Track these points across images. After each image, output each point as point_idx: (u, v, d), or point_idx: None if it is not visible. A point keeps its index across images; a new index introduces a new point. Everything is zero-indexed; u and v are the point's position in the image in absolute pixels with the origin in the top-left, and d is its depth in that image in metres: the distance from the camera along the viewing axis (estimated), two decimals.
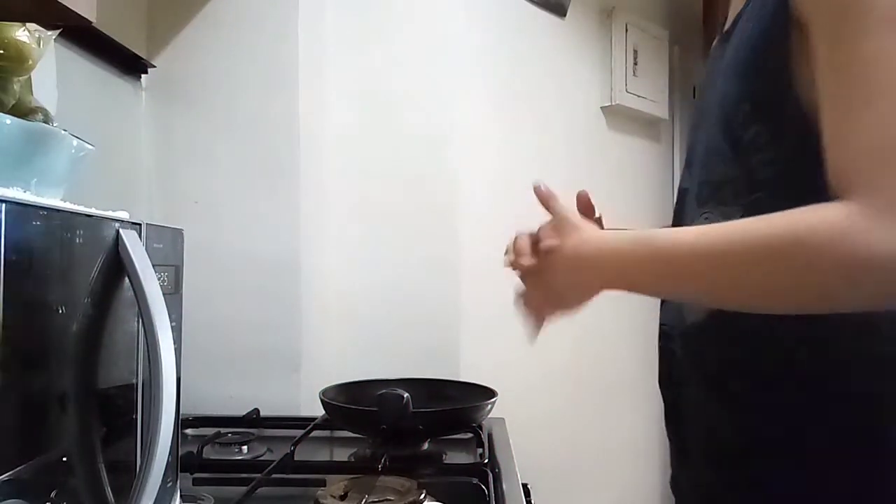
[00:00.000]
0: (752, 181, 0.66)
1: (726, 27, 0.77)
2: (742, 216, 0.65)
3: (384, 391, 1.10)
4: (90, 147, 0.69)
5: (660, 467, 2.15)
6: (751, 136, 0.66)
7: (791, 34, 0.62)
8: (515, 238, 0.79)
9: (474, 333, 1.56)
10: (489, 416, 1.21)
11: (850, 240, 0.53)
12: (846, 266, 0.54)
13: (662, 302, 0.84)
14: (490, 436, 1.23)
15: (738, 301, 0.62)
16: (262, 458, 1.14)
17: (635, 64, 2.08)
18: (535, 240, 0.77)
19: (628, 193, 2.16)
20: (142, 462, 0.58)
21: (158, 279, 0.61)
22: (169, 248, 0.71)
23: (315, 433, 1.21)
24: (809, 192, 0.61)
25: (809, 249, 0.55)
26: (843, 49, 0.58)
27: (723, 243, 0.60)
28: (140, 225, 0.64)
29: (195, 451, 1.06)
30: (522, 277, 0.77)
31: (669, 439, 0.83)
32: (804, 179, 0.62)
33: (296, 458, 1.05)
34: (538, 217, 0.80)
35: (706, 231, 0.63)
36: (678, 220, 0.80)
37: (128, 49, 1.27)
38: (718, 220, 0.68)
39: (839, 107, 0.58)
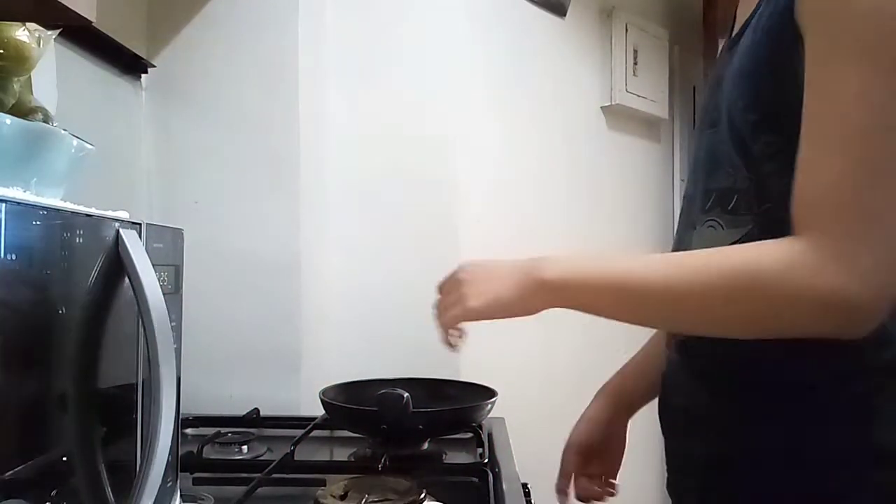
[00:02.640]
0: (764, 191, 0.66)
1: (735, 32, 0.76)
2: (752, 227, 0.67)
3: (384, 391, 1.10)
4: (90, 147, 0.69)
5: (659, 467, 2.15)
6: (761, 147, 0.66)
7: (797, 47, 0.62)
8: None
9: (474, 333, 1.56)
10: (489, 415, 1.21)
11: (798, 277, 0.58)
12: (792, 301, 0.59)
13: None
14: (490, 436, 1.23)
15: (694, 329, 0.66)
16: (262, 458, 1.14)
17: (635, 64, 2.08)
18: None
19: (628, 193, 2.16)
20: (142, 462, 0.58)
21: (158, 279, 0.61)
22: (169, 248, 0.71)
23: (315, 433, 1.21)
24: None
25: (764, 284, 0.59)
26: (831, 76, 0.59)
27: (686, 275, 0.63)
28: (140, 225, 0.64)
29: (195, 451, 1.06)
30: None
31: (668, 448, 0.83)
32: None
33: (296, 457, 1.05)
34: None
35: (668, 260, 0.66)
36: (683, 226, 0.80)
37: (128, 49, 1.27)
38: (724, 228, 0.70)
39: (816, 138, 0.60)
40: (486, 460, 1.06)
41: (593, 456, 0.94)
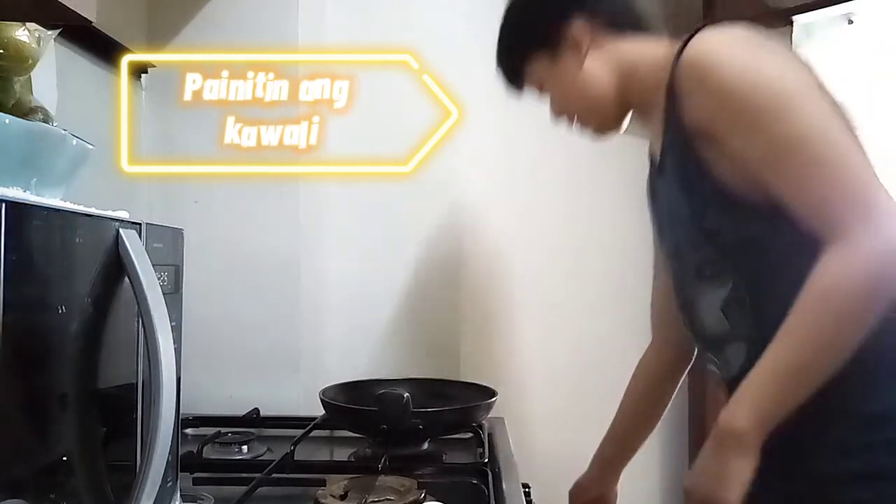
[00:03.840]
0: (720, 253, 0.83)
1: (657, 157, 0.94)
2: (734, 279, 0.82)
3: (384, 391, 1.10)
4: (90, 147, 0.69)
5: (659, 467, 2.15)
6: (710, 222, 0.83)
7: (696, 145, 0.81)
8: None
9: (474, 333, 1.56)
10: (489, 415, 1.21)
11: (835, 280, 0.70)
12: (842, 299, 0.70)
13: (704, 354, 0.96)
14: (490, 436, 1.23)
15: (829, 360, 0.72)
16: (262, 458, 1.14)
17: None
18: None
19: (628, 193, 2.16)
20: (142, 462, 0.58)
21: (158, 279, 0.61)
22: (169, 248, 0.71)
23: (315, 433, 1.21)
24: (762, 241, 0.79)
25: (830, 299, 0.71)
26: (777, 131, 0.74)
27: (804, 323, 0.72)
28: (140, 225, 0.64)
29: (195, 451, 1.06)
30: None
31: None
32: (751, 237, 0.80)
33: (296, 457, 1.05)
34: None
35: (776, 342, 0.74)
36: (687, 286, 0.91)
37: (128, 49, 1.27)
38: (714, 289, 0.85)
39: (794, 176, 0.74)
40: (486, 460, 1.07)
41: None
